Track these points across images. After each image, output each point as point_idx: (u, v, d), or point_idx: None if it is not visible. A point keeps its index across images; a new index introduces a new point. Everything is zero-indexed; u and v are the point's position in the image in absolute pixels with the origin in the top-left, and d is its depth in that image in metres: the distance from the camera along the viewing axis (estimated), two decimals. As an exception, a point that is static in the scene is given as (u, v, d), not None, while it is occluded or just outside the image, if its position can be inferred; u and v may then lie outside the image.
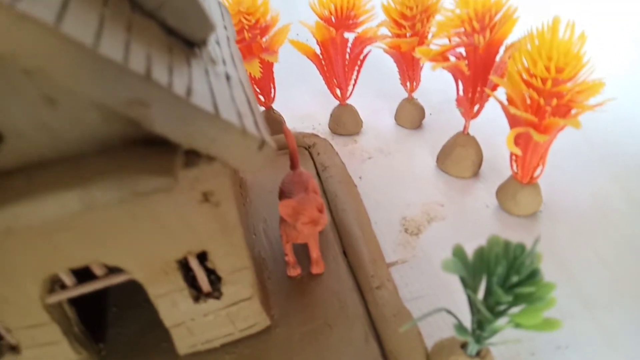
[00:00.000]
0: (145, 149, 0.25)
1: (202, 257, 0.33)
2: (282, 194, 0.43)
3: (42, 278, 0.29)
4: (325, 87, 0.63)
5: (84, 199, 0.23)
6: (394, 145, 0.62)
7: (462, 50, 0.49)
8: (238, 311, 0.35)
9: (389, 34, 0.59)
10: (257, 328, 0.37)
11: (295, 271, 0.42)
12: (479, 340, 0.31)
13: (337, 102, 0.65)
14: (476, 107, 0.53)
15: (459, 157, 0.54)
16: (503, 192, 0.49)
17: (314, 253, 0.42)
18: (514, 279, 0.27)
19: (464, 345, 0.33)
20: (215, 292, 0.34)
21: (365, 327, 0.37)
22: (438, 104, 0.68)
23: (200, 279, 0.33)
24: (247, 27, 0.56)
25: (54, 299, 0.31)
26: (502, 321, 0.28)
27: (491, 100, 0.49)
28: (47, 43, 0.20)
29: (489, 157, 0.56)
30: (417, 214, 0.50)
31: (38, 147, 0.24)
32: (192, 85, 0.25)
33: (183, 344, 0.36)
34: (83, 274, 0.32)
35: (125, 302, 0.41)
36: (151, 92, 0.22)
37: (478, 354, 0.32)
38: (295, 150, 0.45)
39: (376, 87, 0.73)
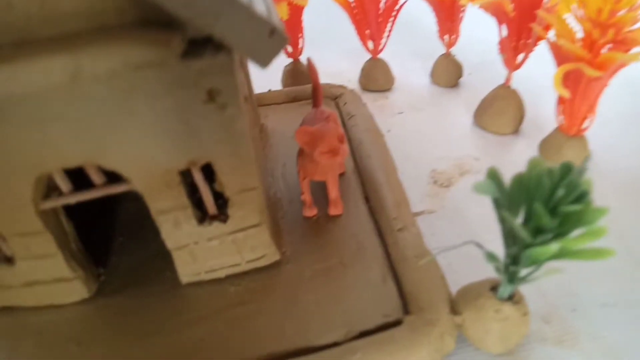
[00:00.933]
0: (143, 28, 0.23)
1: (209, 177, 0.30)
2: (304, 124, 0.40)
3: (35, 176, 0.27)
4: (357, 43, 0.60)
5: (69, 66, 0.21)
6: (427, 102, 0.58)
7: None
8: (245, 239, 0.33)
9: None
10: (265, 261, 0.34)
11: (311, 212, 0.39)
12: (512, 278, 0.27)
13: (368, 57, 0.62)
14: (520, 57, 0.48)
15: (499, 110, 0.49)
16: (547, 145, 0.44)
17: (333, 193, 0.39)
18: (560, 195, 0.23)
19: (494, 288, 0.29)
20: (222, 215, 0.32)
21: (383, 267, 0.34)
22: (478, 64, 0.63)
23: (205, 197, 0.31)
24: (277, -34, 0.53)
25: (49, 205, 0.29)
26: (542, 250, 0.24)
27: (537, 52, 0.45)
28: None
29: (532, 113, 0.51)
30: (449, 167, 0.46)
31: (29, 20, 0.22)
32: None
33: (186, 270, 0.33)
34: (81, 185, 0.30)
35: (133, 234, 0.39)
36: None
37: (511, 298, 0.28)
38: (318, 85, 0.42)
39: (412, 43, 0.69)
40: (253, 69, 0.42)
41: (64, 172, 0.28)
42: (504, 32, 0.47)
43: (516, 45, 0.47)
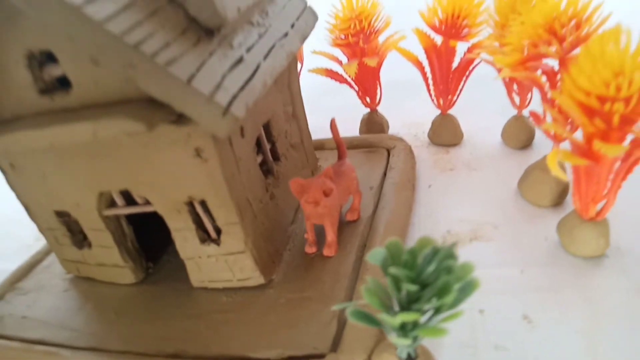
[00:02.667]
0: (143, 104, 0.33)
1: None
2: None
3: (97, 193, 0.40)
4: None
5: (90, 130, 0.33)
6: (484, 162, 0.58)
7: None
8: (235, 261, 0.41)
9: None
10: (251, 282, 0.42)
11: (310, 249, 0.46)
12: (403, 337, 0.30)
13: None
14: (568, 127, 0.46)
15: (536, 181, 0.48)
16: (562, 225, 0.42)
17: (329, 236, 0.45)
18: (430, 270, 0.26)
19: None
20: (217, 239, 0.41)
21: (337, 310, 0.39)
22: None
23: (205, 223, 0.40)
24: (352, 31, 0.61)
25: (108, 212, 0.42)
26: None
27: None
28: (76, 20, 0.29)
29: (581, 189, 0.48)
30: (464, 230, 0.47)
31: (87, 93, 0.35)
32: (179, 59, 0.32)
33: (194, 277, 0.44)
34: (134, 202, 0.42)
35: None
36: (138, 57, 0.30)
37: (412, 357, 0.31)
38: (340, 142, 0.49)
39: (487, 100, 0.68)
40: (338, 115, 0.50)
41: (120, 192, 0.41)
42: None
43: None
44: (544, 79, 0.45)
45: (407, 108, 0.73)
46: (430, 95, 0.63)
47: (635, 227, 0.43)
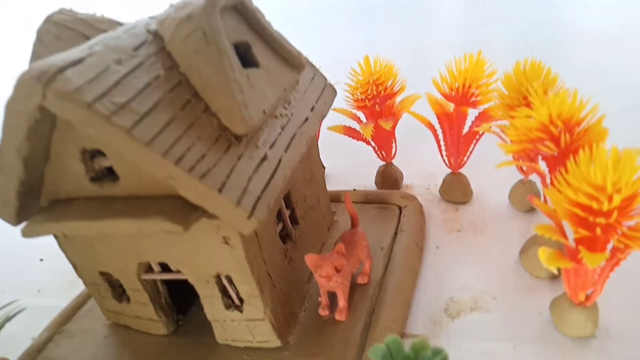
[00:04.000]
0: (181, 202, 0.39)
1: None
2: (335, 245, 0.52)
3: (137, 262, 0.46)
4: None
5: (134, 227, 0.38)
6: (491, 224, 0.62)
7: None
8: (254, 326, 0.46)
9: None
10: (270, 345, 0.47)
11: (324, 312, 0.50)
12: None
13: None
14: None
15: (535, 255, 0.52)
16: (554, 306, 0.46)
17: (340, 302, 0.49)
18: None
19: None
20: (240, 307, 0.46)
21: (344, 377, 0.43)
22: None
23: (230, 292, 0.46)
24: (370, 95, 0.65)
25: (146, 277, 0.48)
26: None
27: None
28: (125, 141, 0.35)
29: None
30: (466, 298, 0.52)
31: (132, 186, 0.40)
32: (212, 169, 0.37)
33: (220, 336, 0.49)
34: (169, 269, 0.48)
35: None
36: (177, 172, 0.35)
37: None
38: (353, 214, 0.53)
39: (496, 158, 0.71)
40: (352, 168, 0.53)
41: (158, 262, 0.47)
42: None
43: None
44: (544, 165, 0.48)
45: (422, 159, 0.77)
46: (442, 156, 0.67)
47: (623, 309, 0.46)
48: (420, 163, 0.76)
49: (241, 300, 0.46)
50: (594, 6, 1.32)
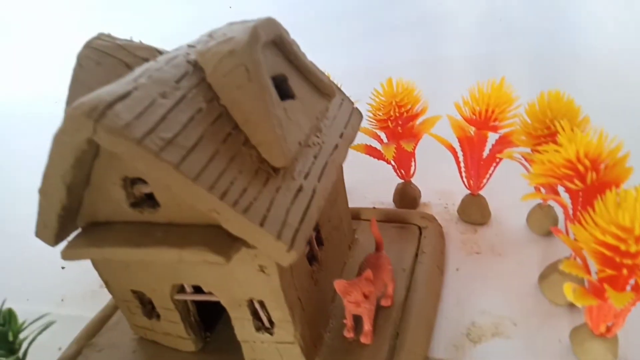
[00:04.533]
0: (221, 231, 0.40)
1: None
2: (360, 268, 0.54)
3: (171, 284, 0.48)
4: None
5: (176, 256, 0.40)
6: (509, 247, 0.63)
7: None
8: (284, 349, 0.48)
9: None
10: (297, 366, 0.49)
11: (349, 334, 0.52)
12: None
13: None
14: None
15: (554, 282, 0.53)
16: (575, 335, 0.47)
17: (366, 326, 0.51)
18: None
19: None
20: (271, 329, 0.48)
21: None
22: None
23: (261, 316, 0.47)
24: (392, 117, 0.66)
25: (179, 297, 0.49)
26: None
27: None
28: (171, 175, 0.36)
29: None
30: (487, 323, 0.53)
31: (172, 213, 0.42)
32: (254, 203, 0.38)
33: (248, 356, 0.51)
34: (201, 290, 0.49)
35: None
36: (222, 206, 0.37)
37: None
38: (378, 237, 0.55)
39: (515, 181, 0.72)
40: (370, 184, 0.54)
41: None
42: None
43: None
44: (567, 198, 0.50)
45: (439, 178, 0.77)
46: (462, 177, 0.68)
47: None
48: (438, 182, 0.77)
49: (272, 323, 0.47)
50: (606, 24, 1.33)
